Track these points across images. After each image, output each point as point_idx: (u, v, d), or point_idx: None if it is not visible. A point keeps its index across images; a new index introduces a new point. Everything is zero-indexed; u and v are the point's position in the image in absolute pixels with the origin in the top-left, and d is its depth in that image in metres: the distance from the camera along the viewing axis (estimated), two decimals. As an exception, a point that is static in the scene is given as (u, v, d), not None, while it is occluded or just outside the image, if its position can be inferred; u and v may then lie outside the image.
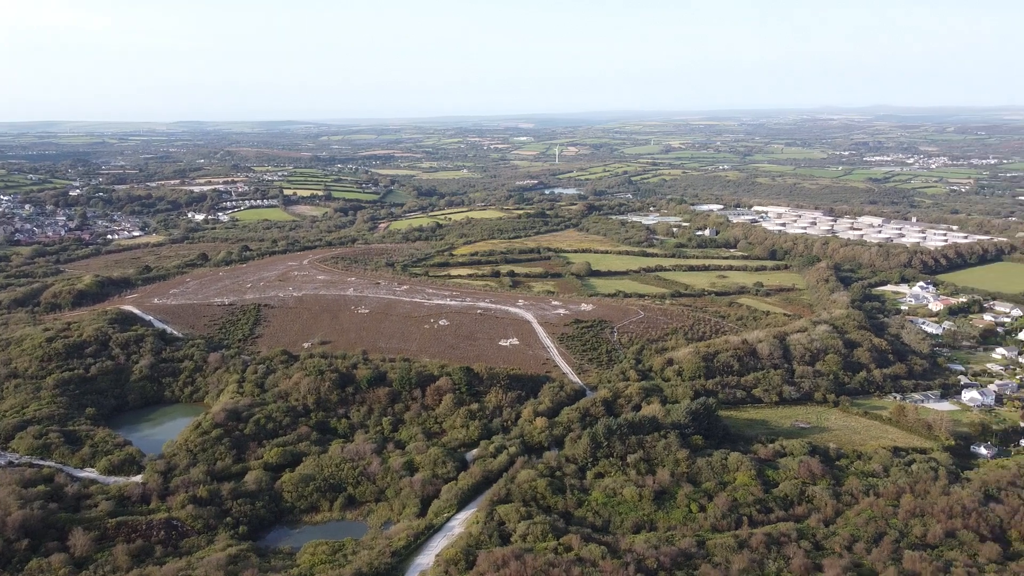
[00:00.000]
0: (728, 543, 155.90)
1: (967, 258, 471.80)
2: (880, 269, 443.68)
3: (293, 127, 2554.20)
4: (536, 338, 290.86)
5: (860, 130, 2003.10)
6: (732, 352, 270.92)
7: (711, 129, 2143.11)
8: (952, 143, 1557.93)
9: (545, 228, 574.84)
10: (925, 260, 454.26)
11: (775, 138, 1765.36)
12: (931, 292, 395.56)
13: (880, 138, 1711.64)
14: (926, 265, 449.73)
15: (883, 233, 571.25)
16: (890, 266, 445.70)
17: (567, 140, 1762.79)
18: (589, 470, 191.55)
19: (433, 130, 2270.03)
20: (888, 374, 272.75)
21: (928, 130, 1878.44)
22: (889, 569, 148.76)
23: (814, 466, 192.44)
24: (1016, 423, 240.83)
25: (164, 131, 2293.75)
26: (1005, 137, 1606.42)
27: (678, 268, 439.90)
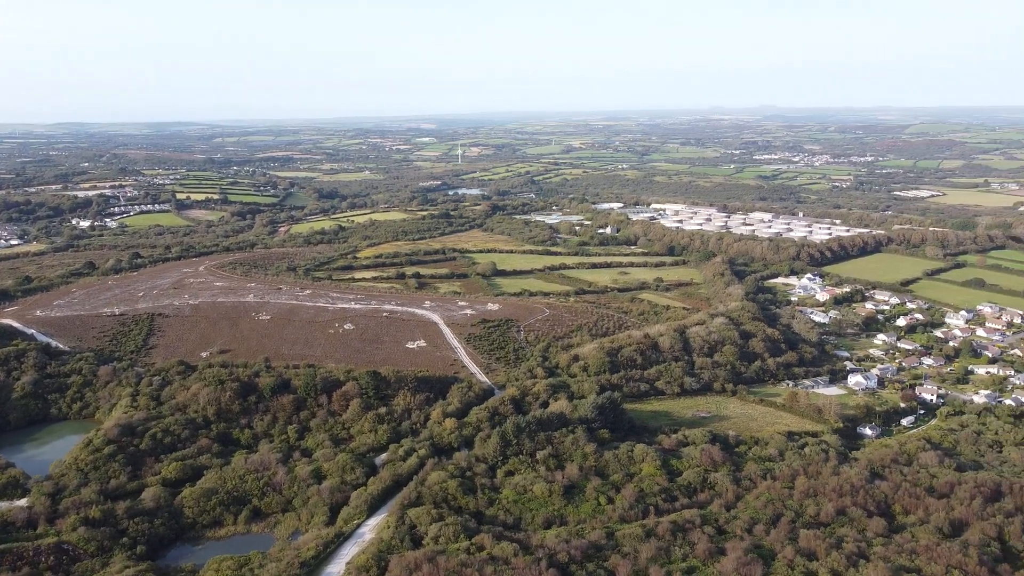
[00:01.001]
0: (636, 533, 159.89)
1: (849, 250, 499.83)
2: (771, 262, 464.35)
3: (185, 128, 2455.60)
4: (443, 339, 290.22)
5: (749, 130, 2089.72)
6: (635, 346, 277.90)
7: (610, 129, 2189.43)
8: (833, 142, 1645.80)
9: (450, 229, 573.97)
10: (812, 253, 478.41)
11: (671, 138, 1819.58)
12: (818, 283, 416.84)
13: (768, 137, 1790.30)
14: (813, 258, 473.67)
15: (773, 228, 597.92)
16: (780, 259, 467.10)
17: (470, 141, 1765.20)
18: (499, 469, 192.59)
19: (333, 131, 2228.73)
20: (781, 362, 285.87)
21: (812, 130, 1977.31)
22: (787, 548, 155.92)
23: (715, 454, 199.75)
24: (897, 404, 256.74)
25: (43, 132, 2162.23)
26: (880, 136, 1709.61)
27: (581, 266, 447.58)
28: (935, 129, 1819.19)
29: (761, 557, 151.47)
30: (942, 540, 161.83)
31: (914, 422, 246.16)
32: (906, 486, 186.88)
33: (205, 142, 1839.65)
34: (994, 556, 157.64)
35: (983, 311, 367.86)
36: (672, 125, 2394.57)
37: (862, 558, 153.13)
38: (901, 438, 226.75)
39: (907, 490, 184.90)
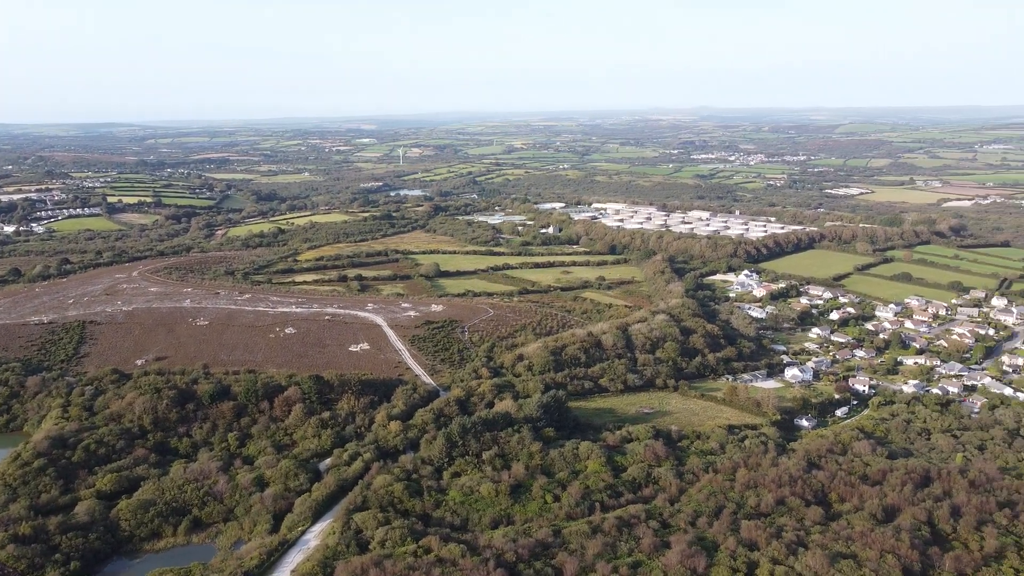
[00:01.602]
0: (583, 530, 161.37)
1: (784, 247, 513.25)
2: (710, 260, 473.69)
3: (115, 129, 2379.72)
4: (387, 341, 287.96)
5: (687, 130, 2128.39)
6: (579, 345, 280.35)
7: (551, 130, 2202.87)
8: (767, 142, 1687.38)
9: (392, 230, 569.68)
10: (749, 250, 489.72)
11: (611, 138, 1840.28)
12: (755, 279, 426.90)
13: (705, 137, 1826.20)
14: (750, 254, 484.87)
15: (711, 226, 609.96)
16: (718, 256, 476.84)
17: (411, 141, 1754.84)
18: (446, 470, 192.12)
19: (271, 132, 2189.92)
20: (721, 357, 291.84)
21: (746, 130, 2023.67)
22: (729, 539, 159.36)
23: (658, 449, 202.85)
24: (831, 396, 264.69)
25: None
26: (812, 136, 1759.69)
27: (525, 266, 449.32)
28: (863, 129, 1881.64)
29: (705, 549, 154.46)
30: (876, 526, 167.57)
31: (848, 412, 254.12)
32: (841, 475, 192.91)
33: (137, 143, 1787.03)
34: (925, 539, 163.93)
35: (910, 304, 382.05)
36: (612, 125, 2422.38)
37: (801, 546, 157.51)
38: (836, 428, 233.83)
39: (842, 479, 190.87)
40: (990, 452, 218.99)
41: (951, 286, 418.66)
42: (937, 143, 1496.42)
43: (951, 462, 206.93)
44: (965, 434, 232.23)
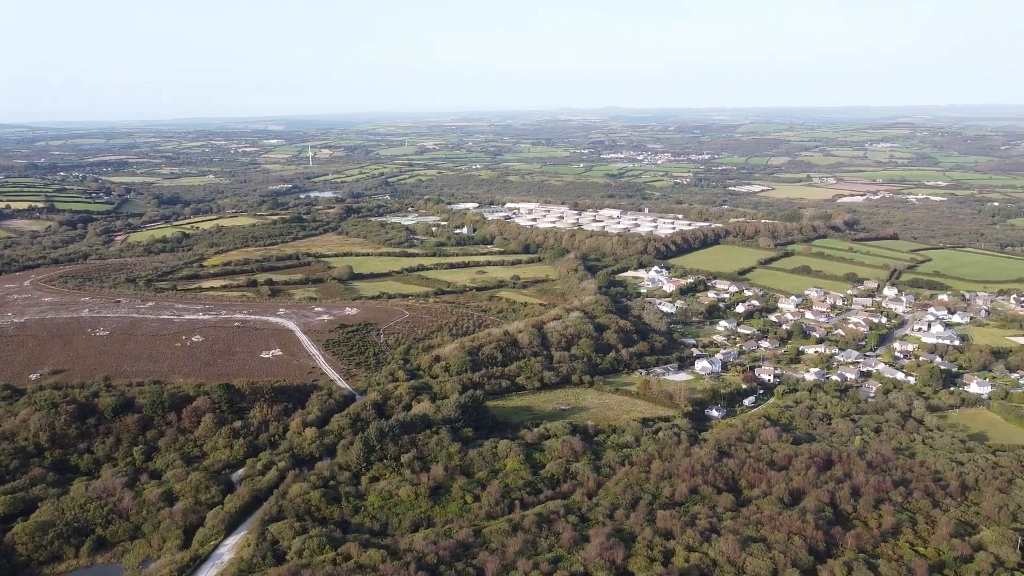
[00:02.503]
0: (503, 528, 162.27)
1: (692, 243, 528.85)
2: (621, 257, 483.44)
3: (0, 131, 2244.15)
4: (300, 347, 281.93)
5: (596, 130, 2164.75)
6: (495, 344, 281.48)
7: (463, 130, 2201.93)
8: (673, 141, 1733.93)
9: (303, 233, 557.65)
10: (658, 247, 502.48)
11: (522, 138, 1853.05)
12: (665, 275, 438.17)
13: (614, 137, 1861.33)
14: (659, 251, 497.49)
15: (621, 224, 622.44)
16: (629, 253, 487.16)
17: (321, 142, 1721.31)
18: (364, 475, 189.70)
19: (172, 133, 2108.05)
20: (634, 352, 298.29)
21: (653, 129, 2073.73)
22: (646, 530, 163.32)
23: (576, 444, 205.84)
24: (739, 386, 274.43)
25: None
26: (715, 135, 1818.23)
27: (439, 266, 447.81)
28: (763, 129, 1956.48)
29: (622, 540, 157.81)
30: (783, 509, 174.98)
31: (755, 401, 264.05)
32: (750, 462, 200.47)
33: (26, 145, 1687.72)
34: (828, 520, 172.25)
35: (810, 295, 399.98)
36: (523, 126, 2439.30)
37: (714, 532, 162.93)
38: (744, 417, 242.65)
39: (751, 465, 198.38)
40: (885, 434, 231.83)
41: (847, 277, 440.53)
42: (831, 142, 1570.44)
43: (850, 445, 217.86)
44: (862, 418, 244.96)
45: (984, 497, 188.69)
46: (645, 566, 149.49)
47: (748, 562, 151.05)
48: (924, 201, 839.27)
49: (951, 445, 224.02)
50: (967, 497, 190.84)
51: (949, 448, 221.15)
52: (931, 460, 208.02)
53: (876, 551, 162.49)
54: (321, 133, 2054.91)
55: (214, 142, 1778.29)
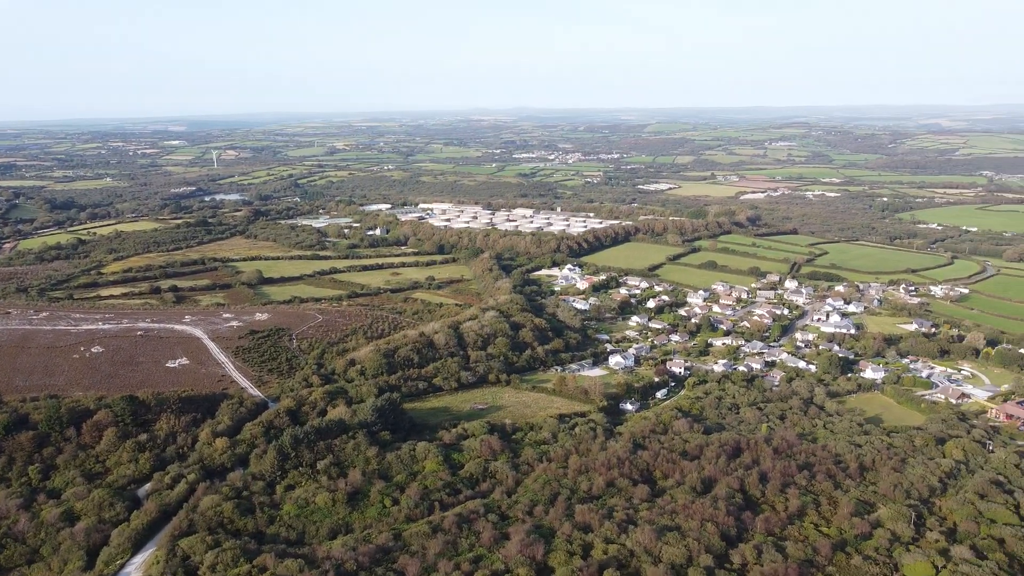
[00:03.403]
0: (423, 530, 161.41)
1: (603, 241, 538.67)
2: (535, 255, 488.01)
3: None
4: (209, 355, 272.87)
5: (508, 130, 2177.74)
6: (411, 346, 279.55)
7: (374, 130, 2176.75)
8: (583, 140, 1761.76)
9: (209, 237, 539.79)
10: (571, 245, 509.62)
11: (434, 138, 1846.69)
12: (578, 273, 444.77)
13: (525, 137, 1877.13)
14: (572, 249, 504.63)
15: (534, 223, 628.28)
16: (543, 252, 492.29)
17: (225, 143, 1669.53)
18: (279, 484, 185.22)
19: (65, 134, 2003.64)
20: (549, 349, 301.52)
21: (564, 129, 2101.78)
22: (565, 525, 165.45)
23: (494, 443, 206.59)
24: (652, 379, 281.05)
25: None
26: (624, 135, 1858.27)
27: (353, 269, 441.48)
28: (669, 128, 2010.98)
29: (542, 536, 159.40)
30: (696, 497, 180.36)
31: (667, 394, 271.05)
32: (664, 453, 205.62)
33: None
34: (738, 505, 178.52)
35: (717, 289, 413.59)
36: (435, 126, 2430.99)
37: (631, 524, 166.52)
38: (657, 409, 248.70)
39: (665, 456, 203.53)
40: (789, 420, 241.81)
41: (751, 271, 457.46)
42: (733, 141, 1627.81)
43: (758, 432, 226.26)
44: (768, 406, 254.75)
45: (881, 477, 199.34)
46: (565, 560, 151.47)
47: (664, 551, 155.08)
48: (820, 197, 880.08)
49: (850, 429, 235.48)
50: (865, 477, 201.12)
51: (848, 432, 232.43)
52: (832, 444, 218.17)
53: (784, 533, 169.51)
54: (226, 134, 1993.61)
55: (111, 143, 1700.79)
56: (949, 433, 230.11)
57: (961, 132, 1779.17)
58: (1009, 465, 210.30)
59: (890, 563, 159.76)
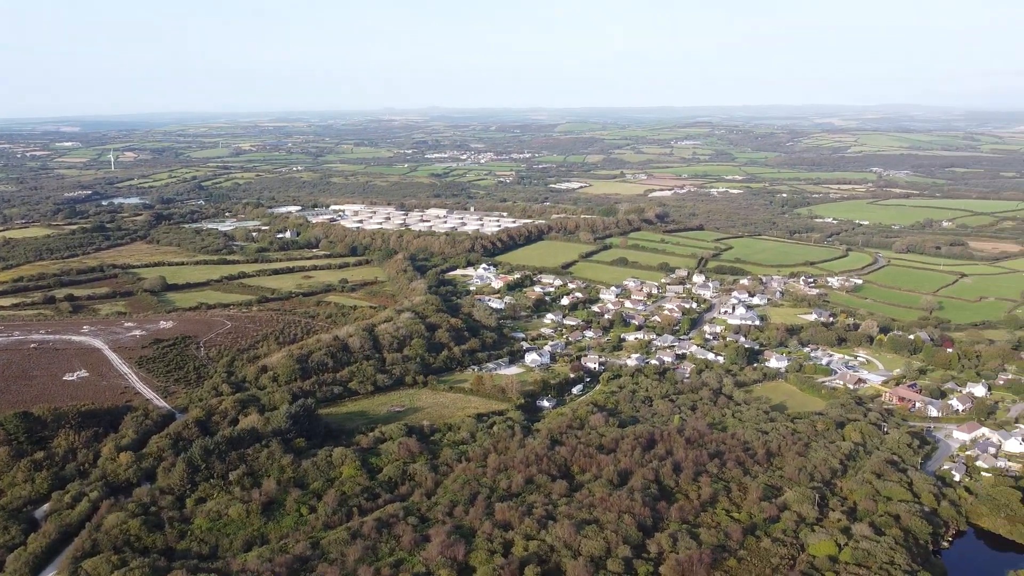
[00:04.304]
0: (342, 537, 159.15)
1: (517, 240, 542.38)
2: (449, 256, 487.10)
3: None
4: (110, 366, 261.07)
5: (419, 130, 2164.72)
6: (325, 350, 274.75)
7: (282, 131, 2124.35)
8: (495, 140, 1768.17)
9: (107, 243, 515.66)
10: (485, 244, 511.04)
11: (344, 139, 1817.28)
12: (492, 272, 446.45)
13: (437, 137, 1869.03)
14: (486, 249, 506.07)
15: (448, 223, 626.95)
16: (457, 252, 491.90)
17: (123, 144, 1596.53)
18: (189, 497, 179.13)
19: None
20: (466, 349, 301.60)
21: (476, 129, 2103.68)
22: (485, 524, 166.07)
23: (412, 445, 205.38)
24: (567, 375, 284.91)
25: None
26: (535, 135, 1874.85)
27: (262, 273, 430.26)
28: (579, 128, 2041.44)
29: (463, 536, 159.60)
30: (613, 490, 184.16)
31: (583, 389, 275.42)
32: (581, 447, 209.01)
33: None
34: (654, 496, 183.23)
35: (628, 286, 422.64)
36: (345, 126, 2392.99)
37: (551, 519, 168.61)
38: (573, 405, 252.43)
39: (582, 451, 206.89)
40: (700, 411, 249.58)
41: (660, 267, 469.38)
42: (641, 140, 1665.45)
43: (671, 424, 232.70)
44: (680, 397, 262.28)
45: (786, 461, 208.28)
46: (486, 559, 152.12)
47: (583, 544, 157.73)
48: (724, 194, 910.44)
49: (757, 416, 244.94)
50: (772, 463, 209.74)
51: (755, 419, 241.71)
52: (740, 432, 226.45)
53: (697, 520, 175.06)
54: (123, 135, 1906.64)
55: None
56: (848, 417, 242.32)
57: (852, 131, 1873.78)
58: (902, 445, 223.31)
59: (797, 544, 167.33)
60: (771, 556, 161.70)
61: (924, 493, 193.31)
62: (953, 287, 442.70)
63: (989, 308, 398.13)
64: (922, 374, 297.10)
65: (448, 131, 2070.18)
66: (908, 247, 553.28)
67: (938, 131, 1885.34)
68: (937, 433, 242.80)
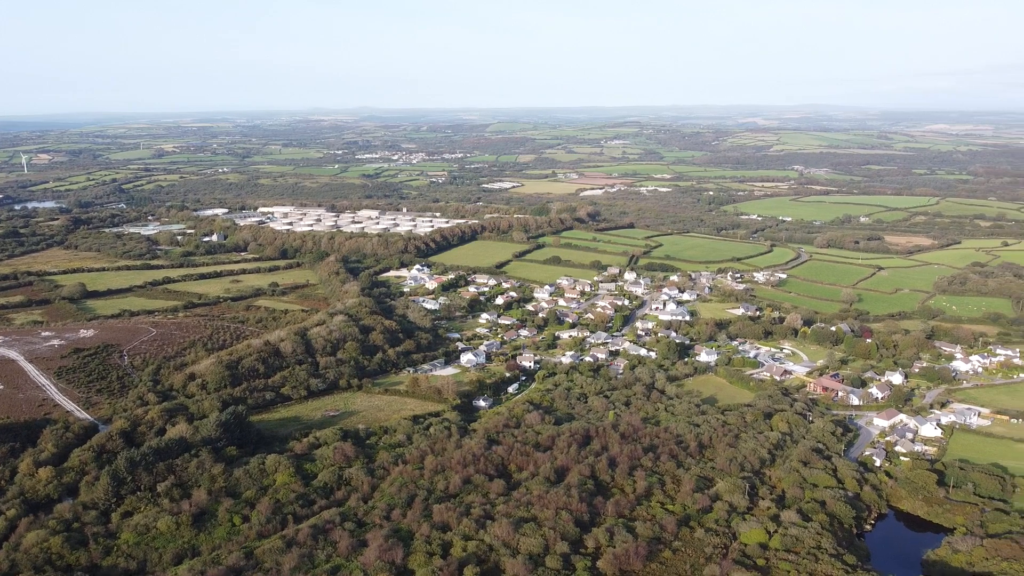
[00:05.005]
0: (276, 546, 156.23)
1: (451, 240, 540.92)
2: (383, 257, 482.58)
3: None
4: (26, 378, 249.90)
5: (350, 130, 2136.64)
6: (256, 355, 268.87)
7: (206, 131, 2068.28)
8: (427, 140, 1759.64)
9: (21, 250, 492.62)
10: (418, 245, 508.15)
11: (272, 139, 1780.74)
12: (427, 273, 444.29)
13: (368, 137, 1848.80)
14: (420, 250, 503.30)
15: (381, 224, 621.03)
16: (390, 253, 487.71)
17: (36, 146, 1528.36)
18: (115, 512, 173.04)
19: None
20: (401, 351, 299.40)
21: (407, 129, 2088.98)
22: (423, 526, 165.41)
23: (348, 449, 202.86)
24: (503, 374, 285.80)
25: None
26: (467, 135, 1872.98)
27: (188, 278, 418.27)
28: (510, 128, 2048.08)
29: (401, 540, 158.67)
30: (550, 487, 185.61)
31: (518, 388, 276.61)
32: (518, 446, 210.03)
33: None
34: (590, 492, 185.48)
35: (562, 284, 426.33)
36: (272, 126, 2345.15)
37: (489, 519, 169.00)
38: (509, 404, 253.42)
39: (519, 449, 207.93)
40: (634, 406, 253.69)
41: (593, 265, 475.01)
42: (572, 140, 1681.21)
43: (605, 420, 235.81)
44: (614, 393, 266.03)
45: (718, 453, 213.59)
46: (425, 562, 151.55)
47: (522, 542, 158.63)
48: (654, 192, 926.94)
49: (689, 410, 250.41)
50: (704, 454, 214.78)
51: (687, 413, 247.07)
52: (673, 425, 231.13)
53: (633, 514, 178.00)
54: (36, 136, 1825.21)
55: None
56: (775, 408, 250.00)
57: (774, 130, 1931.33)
58: (826, 433, 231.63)
59: (729, 533, 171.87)
60: (705, 546, 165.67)
61: (848, 479, 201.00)
62: (871, 280, 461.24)
63: (904, 299, 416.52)
64: (844, 364, 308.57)
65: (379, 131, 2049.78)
66: (829, 242, 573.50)
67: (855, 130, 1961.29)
68: (859, 420, 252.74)
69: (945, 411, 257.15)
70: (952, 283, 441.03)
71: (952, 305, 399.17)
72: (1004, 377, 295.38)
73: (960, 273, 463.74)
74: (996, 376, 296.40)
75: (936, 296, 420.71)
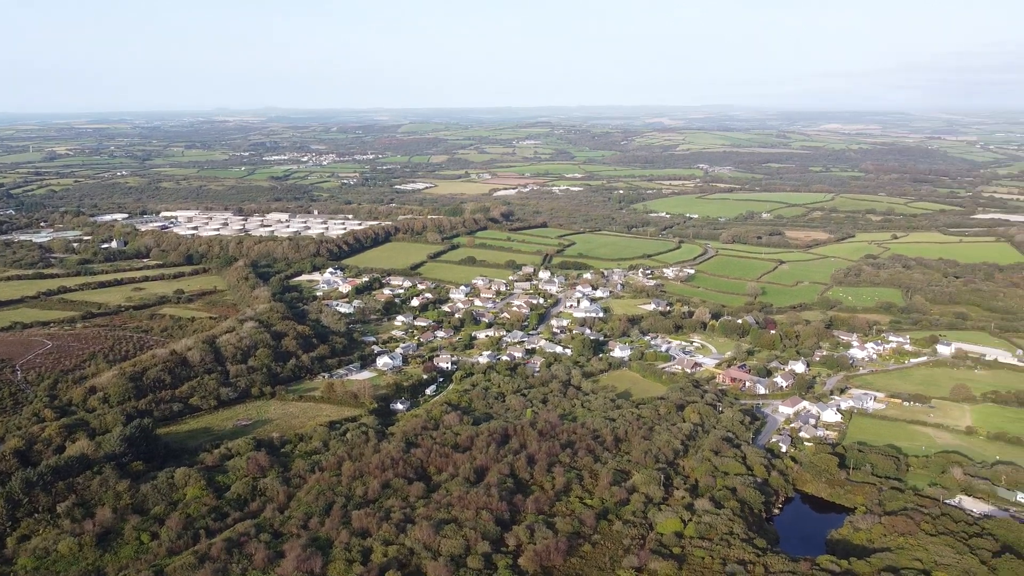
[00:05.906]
0: (188, 562, 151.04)
1: (364, 242, 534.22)
2: (294, 261, 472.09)
3: None
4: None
5: (256, 131, 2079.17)
6: (162, 366, 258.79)
7: (102, 133, 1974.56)
8: (337, 141, 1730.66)
9: None
10: (331, 248, 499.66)
11: (174, 141, 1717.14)
12: (340, 276, 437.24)
13: (275, 138, 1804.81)
14: (332, 252, 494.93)
15: (291, 227, 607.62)
16: (302, 257, 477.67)
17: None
18: (10, 536, 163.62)
19: None
20: (315, 356, 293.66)
21: (316, 130, 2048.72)
22: (342, 533, 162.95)
23: (262, 459, 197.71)
24: (420, 377, 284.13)
25: None
26: (378, 135, 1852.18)
27: (86, 287, 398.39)
28: (422, 128, 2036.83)
29: (320, 548, 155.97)
30: (470, 488, 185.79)
31: (436, 390, 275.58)
32: (436, 448, 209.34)
33: None
34: (510, 490, 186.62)
35: (477, 284, 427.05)
36: (174, 128, 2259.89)
37: (409, 522, 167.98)
38: (427, 406, 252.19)
39: (438, 451, 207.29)
40: (551, 403, 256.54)
41: (508, 265, 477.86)
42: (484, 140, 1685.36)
43: (523, 418, 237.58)
44: (531, 391, 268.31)
45: (633, 446, 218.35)
46: (344, 569, 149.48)
47: (443, 544, 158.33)
48: (566, 191, 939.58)
49: (604, 405, 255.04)
50: (620, 448, 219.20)
51: (603, 408, 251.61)
52: (590, 421, 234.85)
53: (553, 510, 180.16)
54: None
55: None
56: (687, 400, 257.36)
57: (680, 130, 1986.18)
58: (736, 423, 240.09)
59: (646, 523, 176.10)
60: (623, 538, 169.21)
61: (756, 465, 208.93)
62: (773, 273, 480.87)
63: (804, 291, 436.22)
64: (750, 355, 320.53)
65: (287, 132, 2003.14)
66: (733, 238, 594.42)
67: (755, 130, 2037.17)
68: (765, 409, 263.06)
69: (844, 397, 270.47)
70: (848, 275, 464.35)
71: (848, 296, 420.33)
72: (896, 363, 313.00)
73: (855, 265, 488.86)
74: (889, 362, 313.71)
75: (833, 287, 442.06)
